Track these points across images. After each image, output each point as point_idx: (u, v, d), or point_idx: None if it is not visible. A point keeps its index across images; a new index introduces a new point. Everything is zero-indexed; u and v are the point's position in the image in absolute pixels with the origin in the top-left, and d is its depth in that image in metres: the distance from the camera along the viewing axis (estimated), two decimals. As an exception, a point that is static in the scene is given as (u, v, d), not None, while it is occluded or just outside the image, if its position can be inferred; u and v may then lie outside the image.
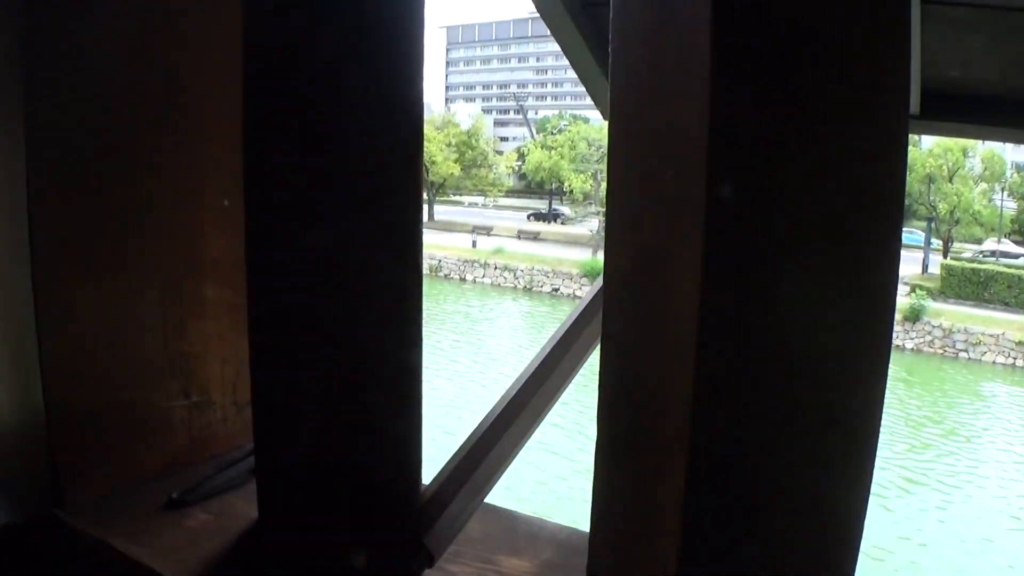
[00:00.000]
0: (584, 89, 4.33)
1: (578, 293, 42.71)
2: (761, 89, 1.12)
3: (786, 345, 1.17)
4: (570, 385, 1.81)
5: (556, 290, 45.55)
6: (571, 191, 56.44)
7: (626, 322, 1.37)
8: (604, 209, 1.49)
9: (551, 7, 3.69)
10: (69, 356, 1.93)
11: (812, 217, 1.14)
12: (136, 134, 1.97)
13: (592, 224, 51.95)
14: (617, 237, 1.38)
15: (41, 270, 1.85)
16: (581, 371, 1.84)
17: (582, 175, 55.17)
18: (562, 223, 58.84)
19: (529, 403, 1.75)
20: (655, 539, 1.30)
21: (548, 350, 1.84)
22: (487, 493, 1.67)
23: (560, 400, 1.75)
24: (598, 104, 4.31)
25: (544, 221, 60.46)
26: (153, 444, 2.09)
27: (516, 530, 1.80)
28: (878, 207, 1.15)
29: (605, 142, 1.47)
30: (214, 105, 2.08)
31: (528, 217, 62.11)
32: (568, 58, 4.06)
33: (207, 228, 2.10)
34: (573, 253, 46.99)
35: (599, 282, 2.03)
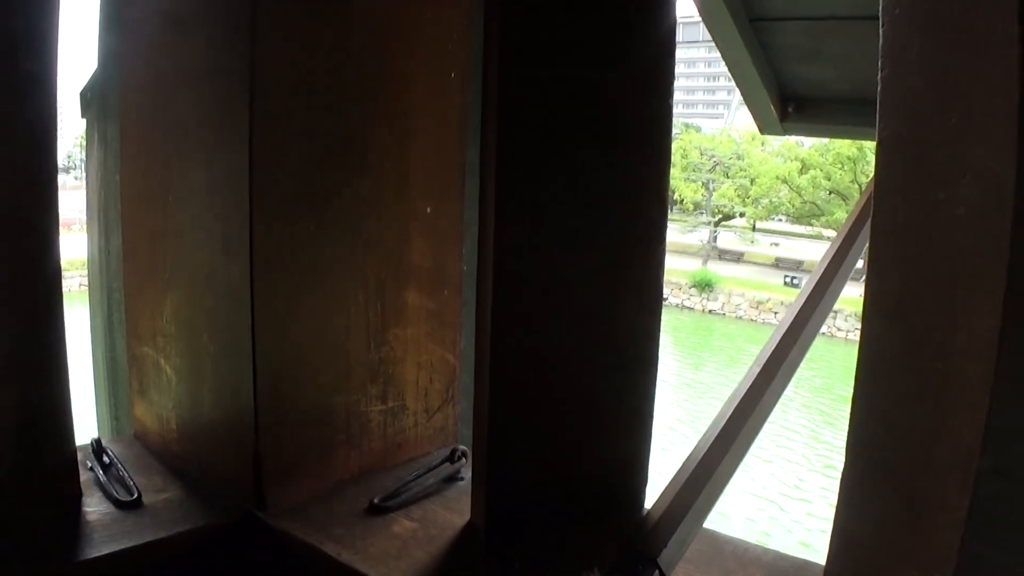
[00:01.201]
0: (694, 97, 4.39)
1: (687, 303, 42.70)
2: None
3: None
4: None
5: (664, 299, 45.52)
6: (681, 200, 56.14)
7: (893, 355, 1.35)
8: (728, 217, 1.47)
9: (718, 19, 3.70)
10: (281, 360, 1.96)
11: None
12: (348, 141, 1.98)
13: (703, 234, 51.62)
14: (883, 267, 1.37)
15: (259, 274, 1.87)
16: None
17: (693, 184, 54.80)
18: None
19: (745, 425, 1.75)
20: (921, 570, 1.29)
21: (757, 372, 1.84)
22: (708, 514, 1.67)
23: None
24: (757, 117, 4.31)
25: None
26: (352, 448, 2.12)
27: (723, 552, 1.78)
28: None
29: (717, 151, 1.48)
30: (419, 112, 2.11)
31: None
32: (730, 70, 4.07)
33: (411, 234, 2.12)
34: (682, 263, 46.75)
35: (799, 299, 2.03)
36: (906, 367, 1.33)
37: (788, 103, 4.29)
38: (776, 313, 38.87)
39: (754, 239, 52.72)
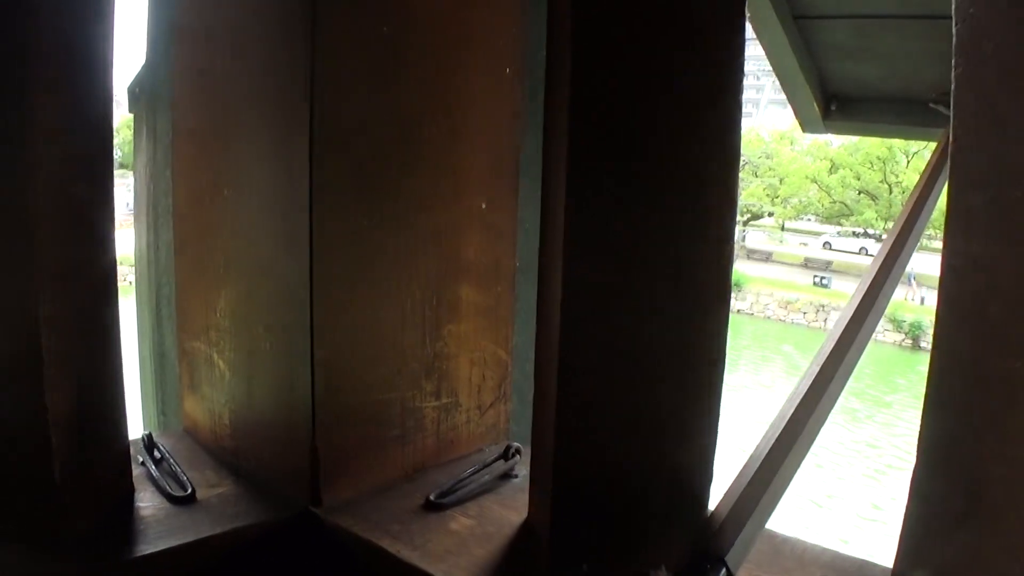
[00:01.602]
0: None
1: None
2: None
3: None
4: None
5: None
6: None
7: (967, 354, 1.35)
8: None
9: (763, 16, 3.70)
10: (338, 355, 1.95)
11: None
12: (405, 136, 1.98)
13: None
14: (959, 266, 1.36)
15: (318, 269, 1.87)
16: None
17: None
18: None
19: (806, 424, 1.75)
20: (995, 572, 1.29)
21: (816, 372, 1.84)
22: (772, 513, 1.67)
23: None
24: (799, 115, 4.31)
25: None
26: (405, 445, 2.11)
27: (782, 551, 1.77)
28: None
29: (745, 150, 1.48)
30: (473, 107, 2.11)
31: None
32: (773, 67, 4.07)
33: (466, 230, 2.12)
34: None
35: (854, 298, 2.03)
36: (981, 366, 1.32)
37: (831, 101, 4.29)
38: (804, 313, 38.81)
39: (783, 239, 52.55)
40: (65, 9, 1.69)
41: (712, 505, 1.66)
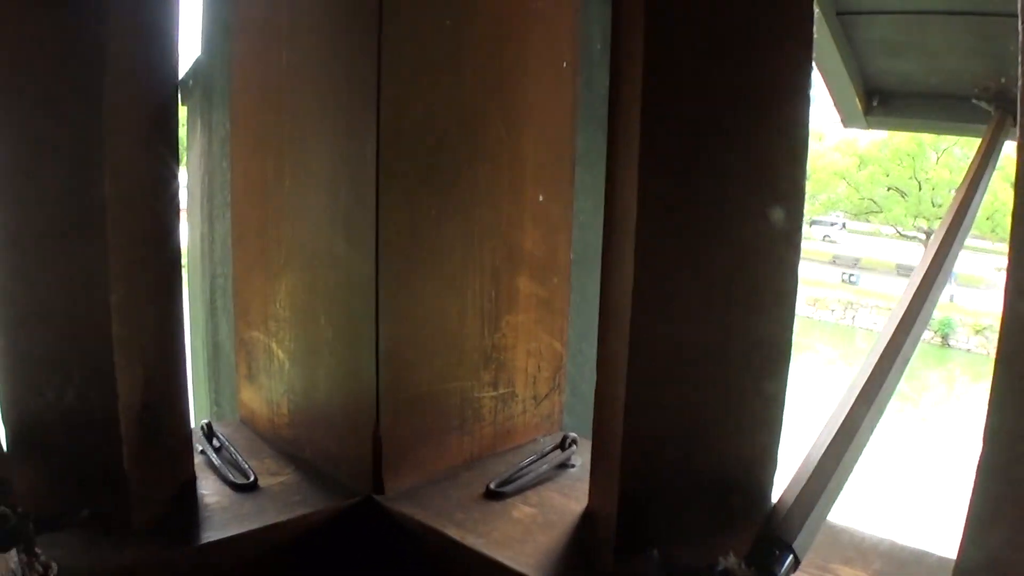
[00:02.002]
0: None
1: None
2: None
3: None
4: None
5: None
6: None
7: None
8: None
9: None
10: (401, 344, 2.00)
11: None
12: (466, 129, 2.02)
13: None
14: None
15: (383, 260, 1.91)
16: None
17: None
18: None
19: (866, 414, 1.78)
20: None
21: (874, 362, 1.86)
22: (835, 501, 1.70)
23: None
24: (840, 110, 4.35)
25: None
26: (464, 434, 2.16)
27: (839, 540, 1.79)
28: None
29: None
30: (532, 101, 2.15)
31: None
32: (816, 62, 4.09)
33: (524, 222, 2.15)
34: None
35: (905, 296, 2.06)
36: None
37: (873, 96, 4.31)
38: (833, 311, 38.73)
39: (810, 235, 52.50)
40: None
41: (776, 494, 1.69)
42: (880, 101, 4.34)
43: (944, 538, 1.66)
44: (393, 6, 1.84)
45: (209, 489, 2.04)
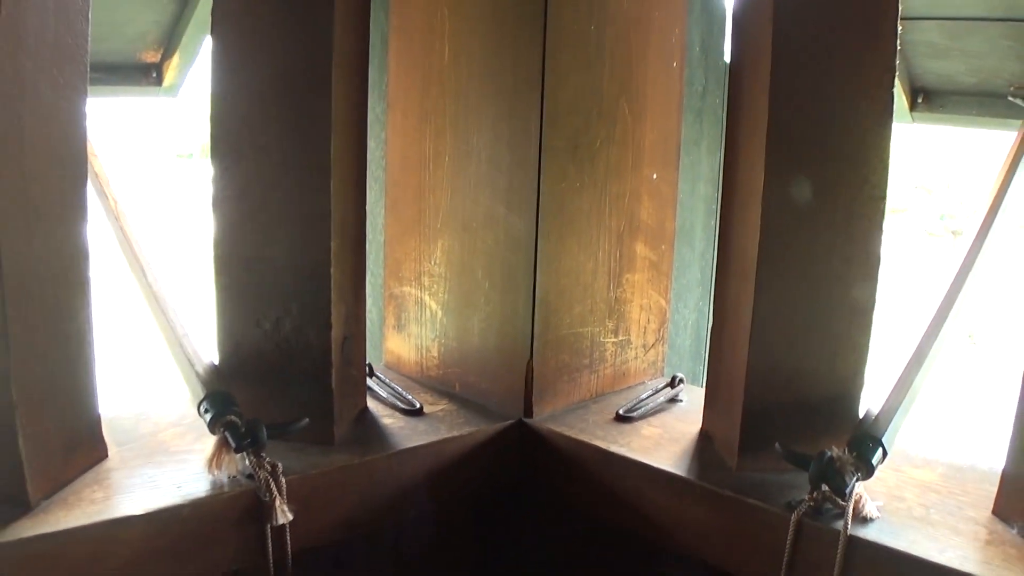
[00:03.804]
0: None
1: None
2: None
3: None
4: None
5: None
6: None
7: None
8: None
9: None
10: (551, 294, 2.48)
11: None
12: (602, 115, 2.51)
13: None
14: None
15: (542, 222, 2.41)
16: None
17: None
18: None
19: (936, 338, 2.21)
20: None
21: (944, 294, 2.30)
22: (911, 410, 2.16)
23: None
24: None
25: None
26: (592, 372, 2.65)
27: (910, 455, 2.26)
28: None
29: None
30: (650, 93, 2.63)
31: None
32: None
33: (642, 195, 2.64)
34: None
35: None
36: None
37: (918, 94, 4.77)
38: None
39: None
40: None
41: (864, 406, 2.17)
42: (924, 99, 4.80)
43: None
44: (555, 15, 2.34)
45: (382, 414, 2.53)
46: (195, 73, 4.84)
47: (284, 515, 1.92)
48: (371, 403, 2.57)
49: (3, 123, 1.72)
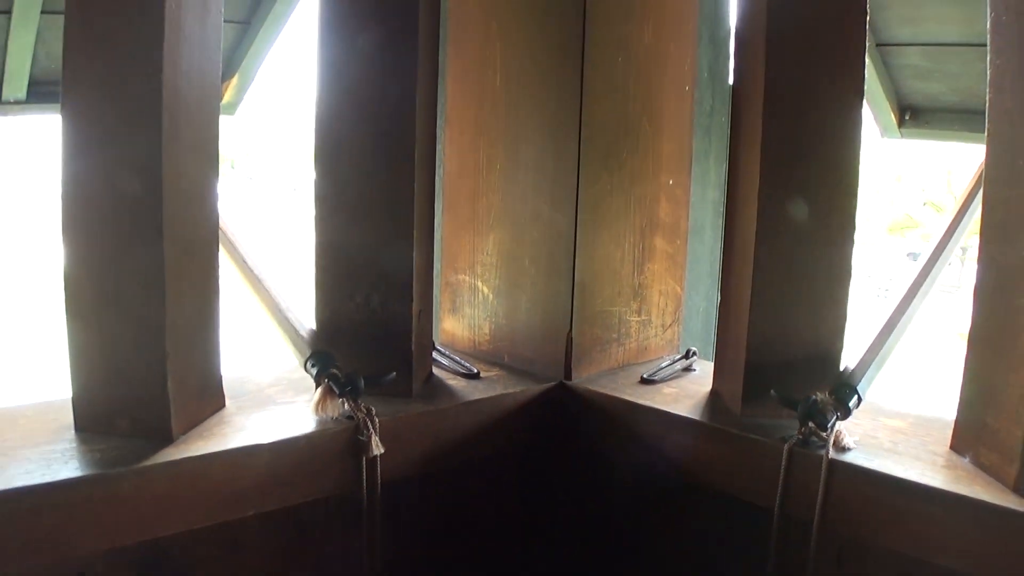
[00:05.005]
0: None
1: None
2: None
3: None
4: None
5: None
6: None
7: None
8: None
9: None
10: (587, 277, 2.83)
11: None
12: (627, 131, 3.01)
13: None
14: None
15: (580, 218, 2.90)
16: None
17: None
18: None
19: (908, 307, 2.74)
20: None
21: (908, 286, 2.80)
22: (884, 365, 2.64)
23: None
24: (879, 123, 5.32)
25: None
26: (619, 346, 3.16)
27: (884, 407, 2.71)
28: None
29: None
30: (667, 112, 3.14)
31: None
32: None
33: (660, 198, 3.15)
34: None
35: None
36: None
37: (905, 112, 5.32)
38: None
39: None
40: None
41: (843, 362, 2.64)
42: (911, 116, 5.37)
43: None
44: (590, 47, 2.84)
45: (446, 377, 3.02)
46: (252, 94, 5.42)
47: (378, 447, 2.30)
48: (435, 371, 2.91)
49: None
